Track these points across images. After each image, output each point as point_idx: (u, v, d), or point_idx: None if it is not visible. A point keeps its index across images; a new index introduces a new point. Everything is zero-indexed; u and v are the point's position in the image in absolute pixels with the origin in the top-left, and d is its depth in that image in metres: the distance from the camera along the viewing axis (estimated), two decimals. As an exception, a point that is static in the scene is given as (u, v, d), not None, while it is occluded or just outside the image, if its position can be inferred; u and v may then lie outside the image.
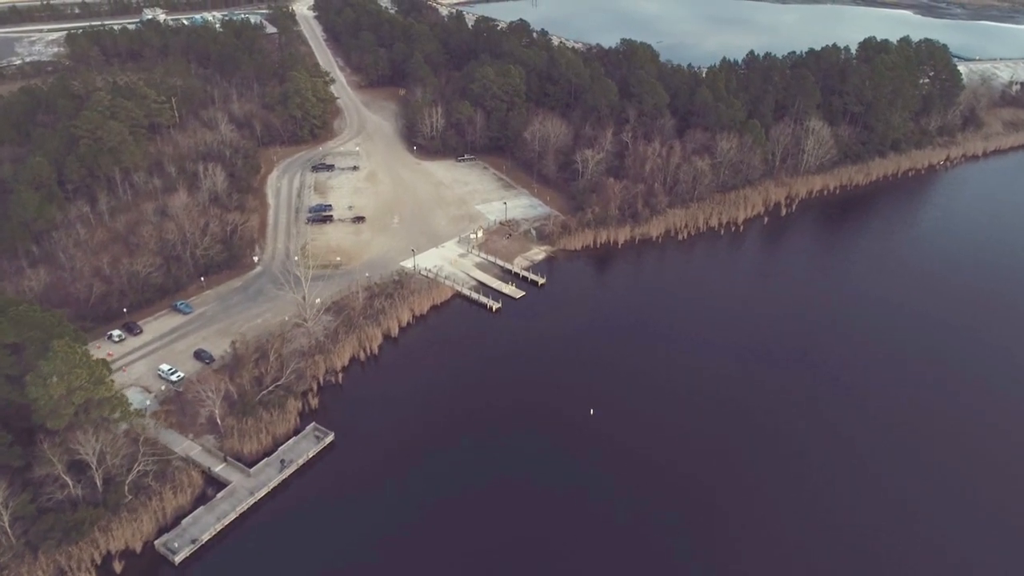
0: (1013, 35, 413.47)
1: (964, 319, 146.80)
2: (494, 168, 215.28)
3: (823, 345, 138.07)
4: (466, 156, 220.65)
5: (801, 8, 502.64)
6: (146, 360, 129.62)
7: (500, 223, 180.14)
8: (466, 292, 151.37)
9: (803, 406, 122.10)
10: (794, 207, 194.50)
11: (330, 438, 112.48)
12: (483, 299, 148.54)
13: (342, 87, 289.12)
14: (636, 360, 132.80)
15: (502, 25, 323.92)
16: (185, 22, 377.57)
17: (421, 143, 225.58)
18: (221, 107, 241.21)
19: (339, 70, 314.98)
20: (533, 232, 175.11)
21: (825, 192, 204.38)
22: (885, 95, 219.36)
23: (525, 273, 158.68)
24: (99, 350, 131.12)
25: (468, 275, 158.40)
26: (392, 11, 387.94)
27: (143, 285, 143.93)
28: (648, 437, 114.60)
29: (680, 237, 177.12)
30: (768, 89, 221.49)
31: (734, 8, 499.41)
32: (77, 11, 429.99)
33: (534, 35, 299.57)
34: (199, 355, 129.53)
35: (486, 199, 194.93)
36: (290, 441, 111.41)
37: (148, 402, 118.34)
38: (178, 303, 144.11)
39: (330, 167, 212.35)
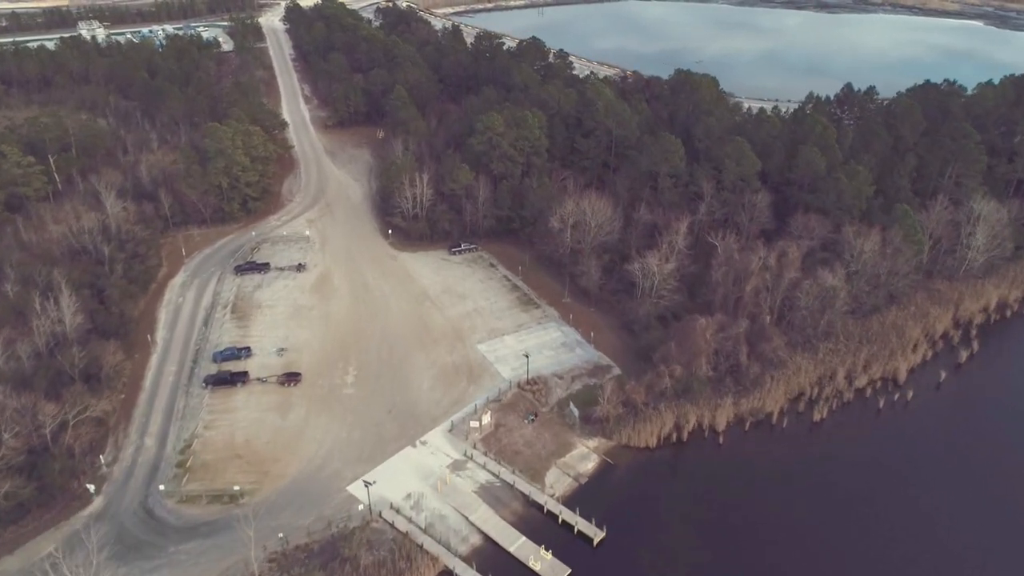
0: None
1: None
2: (504, 266, 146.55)
3: None
4: (463, 245, 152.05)
5: (850, 18, 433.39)
6: None
7: (519, 386, 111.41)
8: (460, 572, 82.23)
9: None
10: (973, 341, 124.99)
11: None
12: (494, 594, 79.75)
13: (303, 127, 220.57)
14: None
15: (509, 43, 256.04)
16: (125, 38, 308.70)
17: (399, 224, 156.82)
18: (134, 160, 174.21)
19: (304, 102, 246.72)
20: (574, 411, 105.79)
21: (1008, 311, 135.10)
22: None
23: (567, 517, 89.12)
24: None
25: (466, 519, 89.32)
26: (376, 23, 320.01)
27: None
28: None
29: (816, 416, 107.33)
30: (902, 149, 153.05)
31: (776, 17, 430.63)
32: (4, 23, 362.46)
33: (551, 58, 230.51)
34: None
35: (494, 329, 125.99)
36: None
37: None
38: (-94, 620, 75.72)
39: (263, 267, 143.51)
